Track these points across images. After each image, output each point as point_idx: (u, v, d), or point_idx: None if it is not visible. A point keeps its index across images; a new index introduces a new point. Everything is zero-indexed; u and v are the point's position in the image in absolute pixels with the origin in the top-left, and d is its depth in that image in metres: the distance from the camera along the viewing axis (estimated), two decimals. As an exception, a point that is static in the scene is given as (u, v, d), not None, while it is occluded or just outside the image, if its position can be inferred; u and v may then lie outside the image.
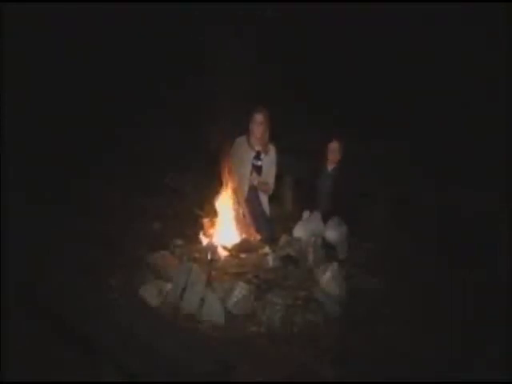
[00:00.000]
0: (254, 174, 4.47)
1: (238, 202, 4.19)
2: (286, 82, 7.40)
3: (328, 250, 4.22)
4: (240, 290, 3.46)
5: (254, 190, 4.51)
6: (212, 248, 3.79)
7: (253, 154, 4.47)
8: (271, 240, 4.22)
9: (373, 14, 6.61)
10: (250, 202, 4.42)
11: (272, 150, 4.57)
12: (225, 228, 4.05)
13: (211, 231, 4.01)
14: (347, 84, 7.01)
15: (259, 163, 4.49)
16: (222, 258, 3.82)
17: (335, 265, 3.77)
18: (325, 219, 4.47)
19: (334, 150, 4.52)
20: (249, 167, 4.47)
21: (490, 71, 5.26)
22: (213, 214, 4.10)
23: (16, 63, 5.09)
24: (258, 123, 4.43)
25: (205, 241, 3.99)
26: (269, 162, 4.54)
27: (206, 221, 4.11)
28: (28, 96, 6.05)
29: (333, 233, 4.25)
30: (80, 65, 6.79)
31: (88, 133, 6.55)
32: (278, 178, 4.82)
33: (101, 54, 6.97)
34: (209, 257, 3.68)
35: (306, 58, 7.41)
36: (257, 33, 6.15)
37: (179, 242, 4.10)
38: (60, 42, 6.53)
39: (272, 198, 4.75)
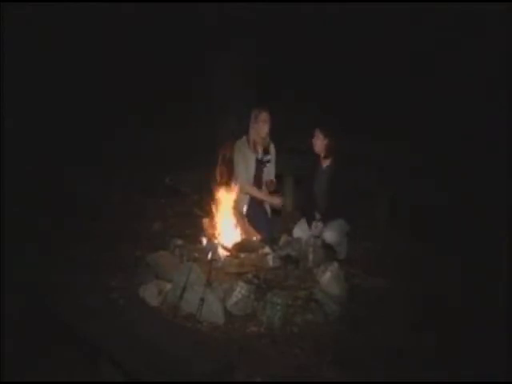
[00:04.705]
0: (266, 172, 4.44)
1: (238, 202, 4.19)
2: (286, 82, 7.41)
3: (328, 250, 4.21)
4: (240, 290, 3.46)
5: (254, 190, 4.50)
6: (212, 248, 3.79)
7: (254, 154, 4.44)
8: (271, 240, 4.22)
9: (373, 14, 6.62)
10: (250, 202, 4.41)
11: (272, 148, 4.56)
12: (225, 228, 4.05)
13: (211, 231, 4.01)
14: (347, 84, 7.02)
15: (267, 158, 4.45)
16: (222, 258, 3.82)
17: (335, 265, 3.77)
18: (324, 219, 4.46)
19: (317, 137, 4.32)
20: (252, 167, 4.44)
21: (490, 71, 5.26)
22: (213, 214, 4.10)
23: (14, 63, 5.09)
24: (264, 121, 4.38)
25: (205, 241, 3.99)
26: (270, 160, 4.54)
27: (205, 221, 4.10)
28: (27, 96, 6.07)
29: (332, 234, 4.23)
30: (80, 64, 6.80)
31: (88, 133, 6.56)
32: (278, 177, 4.81)
33: (99, 53, 6.99)
34: (209, 257, 3.67)
35: (306, 57, 7.42)
36: (257, 32, 6.16)
37: (179, 242, 4.10)
38: (60, 41, 6.54)
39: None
